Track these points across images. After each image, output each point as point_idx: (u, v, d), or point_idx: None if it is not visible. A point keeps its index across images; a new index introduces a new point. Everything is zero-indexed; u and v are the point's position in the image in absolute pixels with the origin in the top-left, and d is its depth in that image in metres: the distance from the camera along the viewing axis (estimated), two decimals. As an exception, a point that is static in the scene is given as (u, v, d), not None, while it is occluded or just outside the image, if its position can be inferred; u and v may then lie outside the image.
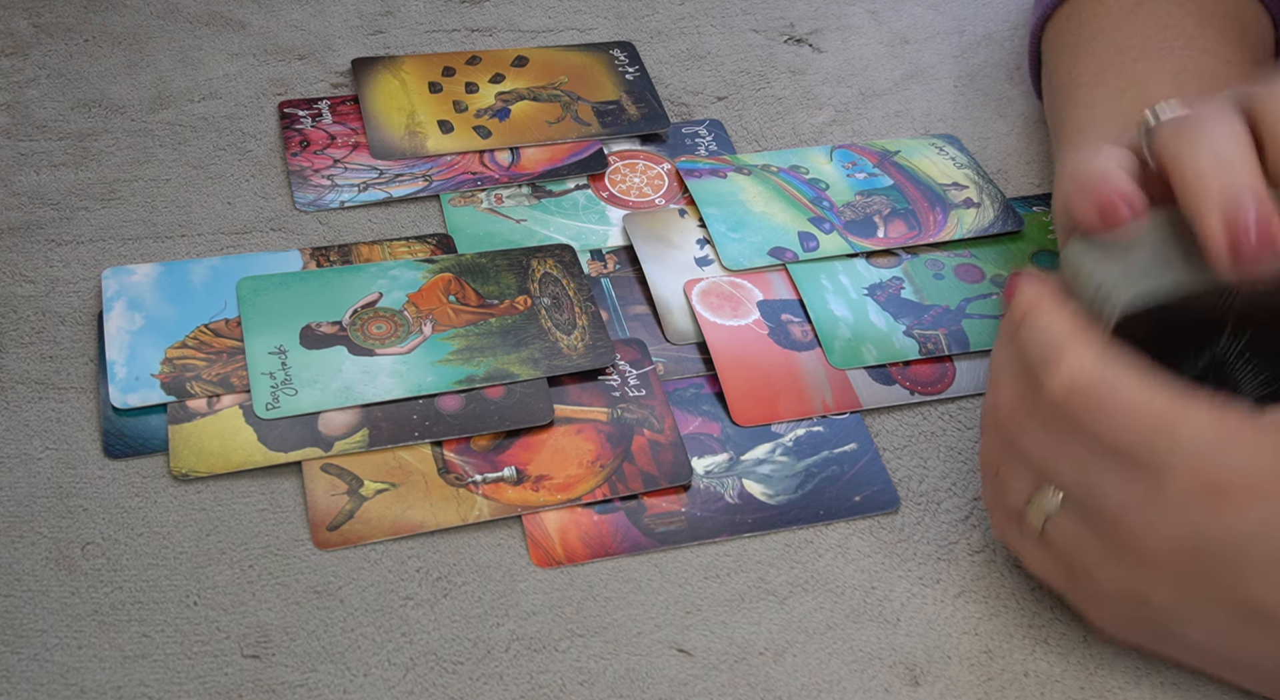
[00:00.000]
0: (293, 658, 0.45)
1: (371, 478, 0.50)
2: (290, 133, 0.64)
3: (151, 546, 0.47)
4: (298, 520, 0.48)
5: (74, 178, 0.61)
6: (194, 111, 0.65)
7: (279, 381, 0.52)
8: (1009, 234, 0.61)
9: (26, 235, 0.58)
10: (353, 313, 0.55)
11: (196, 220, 0.60)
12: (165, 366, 0.52)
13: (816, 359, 0.55)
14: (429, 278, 0.57)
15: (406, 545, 0.48)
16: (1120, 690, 0.45)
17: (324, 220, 0.60)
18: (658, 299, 0.57)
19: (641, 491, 0.50)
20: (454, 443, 0.51)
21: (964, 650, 0.46)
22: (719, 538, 0.49)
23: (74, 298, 0.56)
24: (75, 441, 0.50)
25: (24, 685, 0.43)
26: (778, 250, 0.59)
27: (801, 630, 0.46)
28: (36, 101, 0.64)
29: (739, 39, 0.72)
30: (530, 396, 0.52)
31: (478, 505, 0.49)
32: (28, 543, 0.47)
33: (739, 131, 0.66)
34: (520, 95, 0.67)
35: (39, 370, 0.53)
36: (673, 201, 0.62)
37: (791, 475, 0.51)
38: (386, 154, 0.63)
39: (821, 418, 0.53)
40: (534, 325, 0.55)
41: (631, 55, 0.70)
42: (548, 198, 0.62)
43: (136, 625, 0.45)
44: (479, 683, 0.44)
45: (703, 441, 0.52)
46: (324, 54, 0.69)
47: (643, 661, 0.45)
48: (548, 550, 0.48)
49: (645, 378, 0.54)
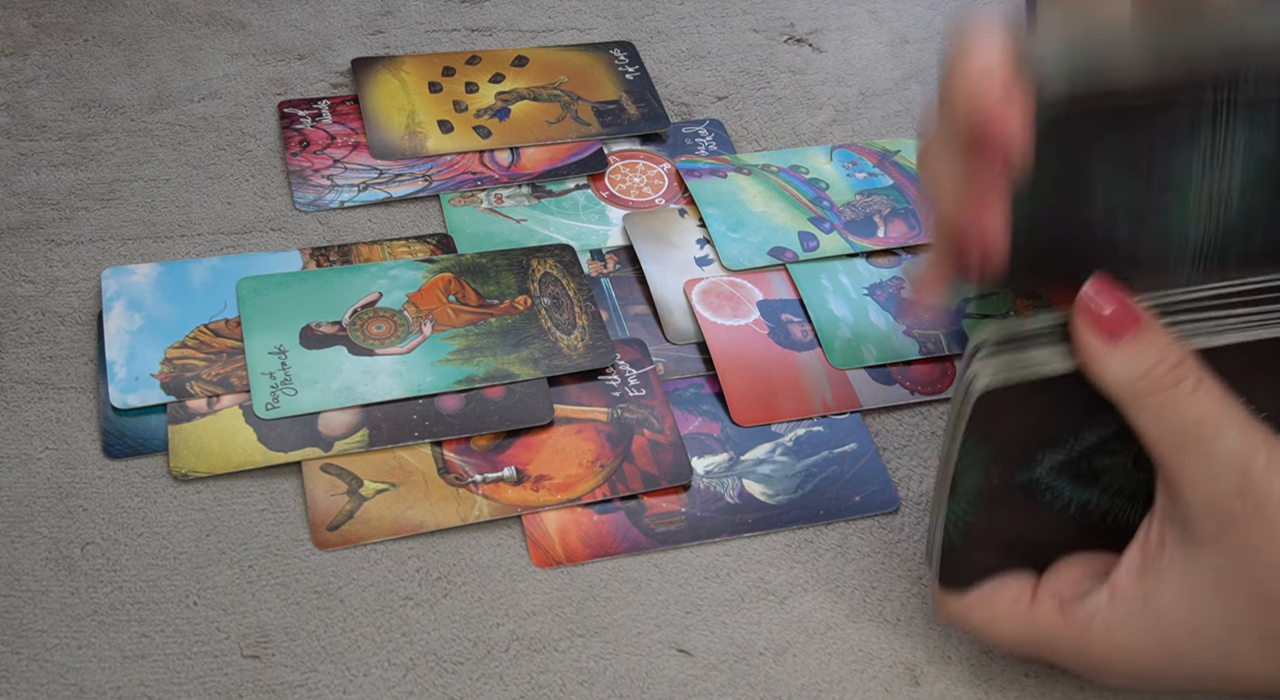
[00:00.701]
0: (293, 658, 0.45)
1: (371, 478, 0.50)
2: (290, 133, 0.64)
3: (151, 546, 0.47)
4: (298, 520, 0.48)
5: (74, 178, 0.61)
6: (194, 111, 0.65)
7: (279, 381, 0.52)
8: (1009, 234, 0.61)
9: (26, 235, 0.58)
10: (353, 313, 0.55)
11: (196, 220, 0.60)
12: (165, 366, 0.52)
13: (816, 359, 0.55)
14: (429, 278, 0.57)
15: (406, 545, 0.48)
16: (1120, 690, 0.45)
17: (324, 220, 0.60)
18: (658, 299, 0.57)
19: (641, 491, 0.50)
20: (454, 443, 0.51)
21: (964, 650, 0.46)
22: (719, 538, 0.49)
23: (74, 298, 0.56)
24: (75, 441, 0.50)
25: (24, 685, 0.43)
26: (778, 250, 0.59)
27: (801, 630, 0.46)
28: (36, 101, 0.64)
29: (739, 39, 0.72)
30: (530, 396, 0.52)
31: (478, 505, 0.49)
32: (28, 543, 0.47)
33: (739, 131, 0.66)
34: (520, 95, 0.66)
35: (39, 370, 0.53)
36: (673, 201, 0.62)
37: (791, 475, 0.51)
38: (386, 154, 0.63)
39: (821, 418, 0.53)
40: (534, 325, 0.55)
41: (631, 55, 0.70)
42: (548, 198, 0.62)
43: (136, 625, 0.45)
44: (479, 683, 0.44)
45: (703, 441, 0.52)
46: (324, 54, 0.69)
47: (643, 661, 0.45)
48: (548, 550, 0.48)
49: (645, 378, 0.54)
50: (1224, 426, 0.37)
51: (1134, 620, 0.39)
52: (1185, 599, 0.38)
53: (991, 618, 0.42)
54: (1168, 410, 0.37)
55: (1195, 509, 0.37)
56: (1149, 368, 0.37)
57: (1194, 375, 0.37)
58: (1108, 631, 0.39)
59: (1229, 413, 0.37)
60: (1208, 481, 0.37)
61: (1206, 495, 0.37)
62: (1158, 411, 0.37)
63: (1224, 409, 0.37)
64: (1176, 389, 0.37)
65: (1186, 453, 0.37)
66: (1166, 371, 0.37)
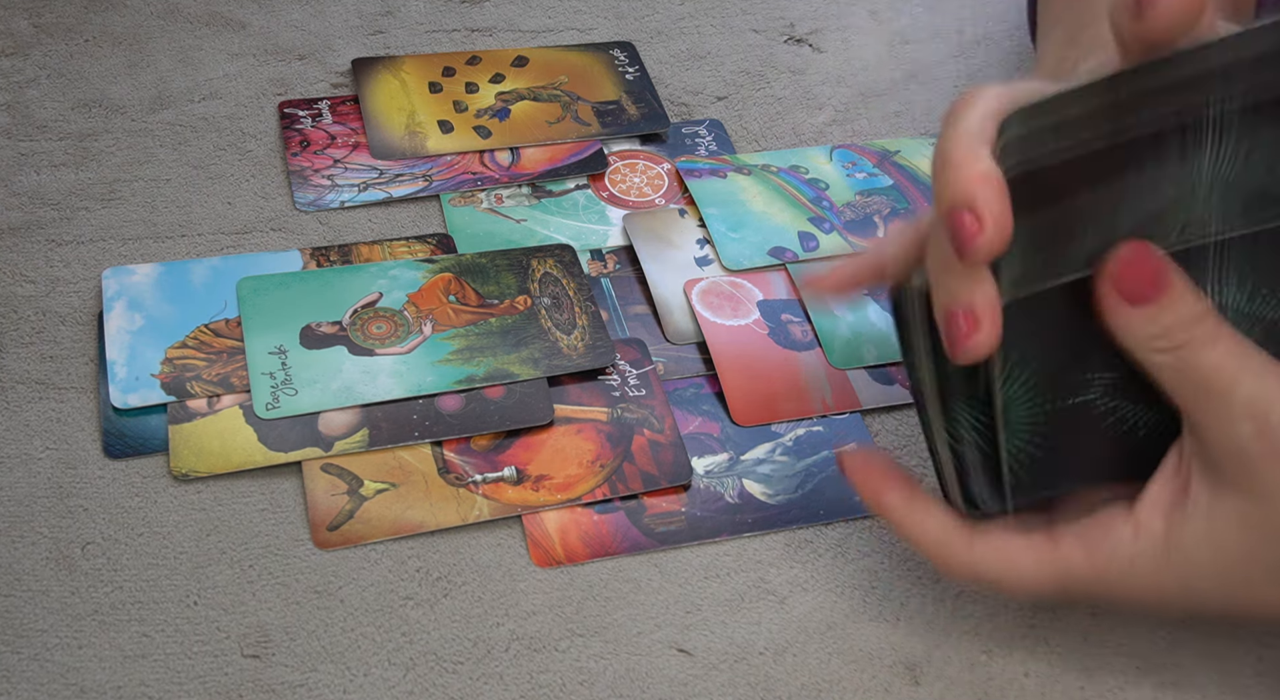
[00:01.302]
0: (293, 658, 0.45)
1: (371, 478, 0.50)
2: (290, 133, 0.64)
3: (151, 546, 0.47)
4: (298, 520, 0.49)
5: (74, 178, 0.61)
6: (194, 111, 0.65)
7: (279, 381, 0.52)
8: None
9: (26, 235, 0.58)
10: (353, 313, 0.55)
11: (196, 220, 0.60)
12: (165, 366, 0.52)
13: (816, 359, 0.55)
14: (429, 278, 0.57)
15: (406, 545, 0.48)
16: (1120, 690, 0.45)
17: (324, 220, 0.60)
18: (658, 299, 0.57)
19: (641, 491, 0.50)
20: (454, 443, 0.51)
21: (964, 650, 0.46)
22: (719, 538, 0.49)
23: (74, 298, 0.56)
24: (75, 441, 0.50)
25: (24, 685, 0.43)
26: (778, 250, 0.59)
27: (801, 630, 0.46)
28: (36, 101, 0.64)
29: (739, 39, 0.72)
30: (530, 396, 0.52)
31: (478, 505, 0.49)
32: (28, 543, 0.47)
33: (739, 131, 0.66)
34: (520, 95, 0.67)
35: (39, 370, 0.53)
36: (673, 201, 0.62)
37: (791, 475, 0.51)
38: (386, 154, 0.63)
39: (821, 418, 0.53)
40: (534, 325, 0.55)
41: (631, 55, 0.70)
42: (548, 198, 0.62)
43: (136, 625, 0.45)
44: (479, 683, 0.44)
45: (703, 441, 0.52)
46: (324, 54, 0.69)
47: (643, 661, 0.45)
48: (548, 550, 0.48)
49: (645, 377, 0.54)
50: (1240, 375, 0.37)
51: (1157, 557, 0.39)
52: (1208, 539, 0.38)
53: (1010, 564, 0.41)
54: (1185, 363, 0.38)
55: (1218, 453, 0.38)
56: (1167, 327, 0.38)
57: (1210, 328, 0.38)
58: (1130, 565, 0.39)
59: (1245, 361, 0.37)
60: (1227, 428, 0.37)
61: (1227, 441, 0.37)
62: (1175, 364, 0.38)
63: (1239, 358, 0.37)
64: (1190, 343, 0.37)
65: (1205, 402, 0.38)
66: (1184, 328, 0.37)
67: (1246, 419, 0.37)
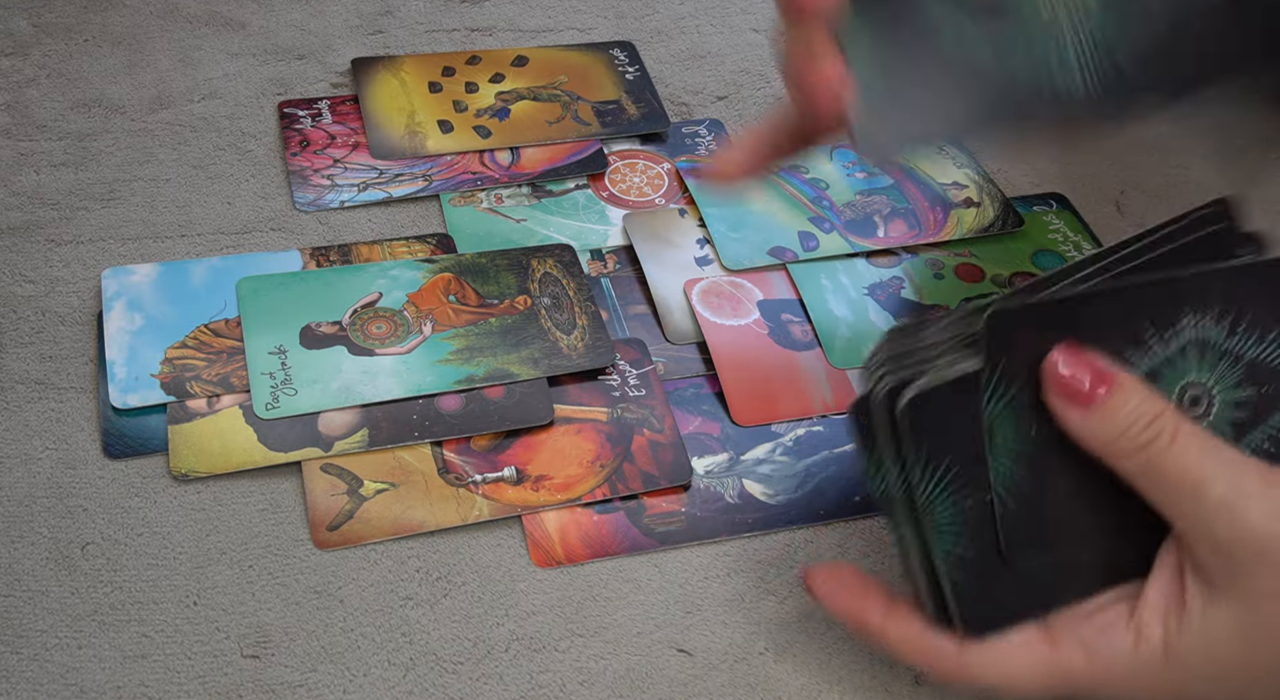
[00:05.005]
0: (293, 658, 0.45)
1: (371, 478, 0.50)
2: (290, 133, 0.64)
3: (151, 546, 0.47)
4: (298, 520, 0.49)
5: (74, 178, 0.61)
6: (194, 111, 0.65)
7: (279, 381, 0.52)
8: (1009, 233, 0.61)
9: (26, 235, 0.58)
10: (353, 313, 0.55)
11: (196, 220, 0.60)
12: (165, 366, 0.52)
13: (816, 359, 0.55)
14: (429, 278, 0.57)
15: (406, 545, 0.48)
16: (1120, 690, 0.45)
17: (324, 220, 0.60)
18: (658, 299, 0.57)
19: (641, 491, 0.50)
20: (454, 443, 0.51)
21: (964, 650, 0.46)
22: (719, 538, 0.49)
23: (74, 298, 0.56)
24: (75, 441, 0.50)
25: (24, 685, 0.43)
26: (778, 250, 0.59)
27: (801, 630, 0.46)
28: (36, 101, 0.64)
29: (739, 39, 0.72)
30: (530, 396, 0.52)
31: (478, 505, 0.49)
32: (28, 543, 0.47)
33: (739, 131, 0.66)
34: (520, 95, 0.67)
35: (39, 370, 0.53)
36: (673, 201, 0.62)
37: (791, 475, 0.51)
38: (386, 154, 0.63)
39: (821, 417, 0.53)
40: (534, 325, 0.55)
41: (631, 55, 0.70)
42: (548, 197, 0.62)
43: (136, 625, 0.45)
44: (479, 683, 0.44)
45: (703, 441, 0.52)
46: (324, 54, 0.69)
47: (643, 661, 0.45)
48: (548, 550, 0.48)
49: (645, 377, 0.54)
50: (1209, 475, 0.36)
51: (1158, 667, 0.38)
52: (1205, 650, 0.38)
53: (1005, 667, 0.40)
54: (1150, 466, 0.37)
55: (1203, 556, 0.37)
56: (1123, 429, 0.37)
57: (1170, 427, 0.37)
58: (1131, 674, 0.39)
59: (1213, 459, 0.36)
60: (1206, 530, 0.36)
61: (1209, 544, 0.37)
62: (1142, 468, 0.37)
63: (1207, 457, 0.36)
64: (1154, 445, 0.37)
65: (1179, 505, 0.37)
66: (1142, 429, 0.37)
67: (1222, 523, 0.36)
